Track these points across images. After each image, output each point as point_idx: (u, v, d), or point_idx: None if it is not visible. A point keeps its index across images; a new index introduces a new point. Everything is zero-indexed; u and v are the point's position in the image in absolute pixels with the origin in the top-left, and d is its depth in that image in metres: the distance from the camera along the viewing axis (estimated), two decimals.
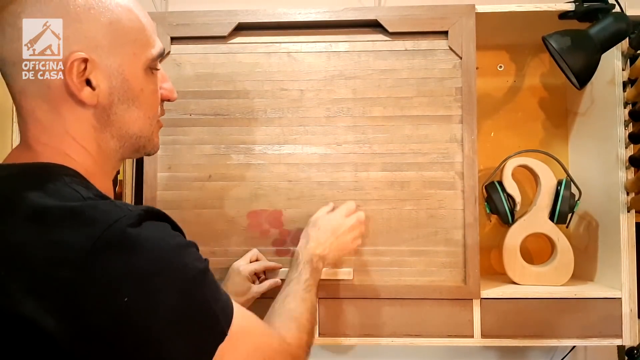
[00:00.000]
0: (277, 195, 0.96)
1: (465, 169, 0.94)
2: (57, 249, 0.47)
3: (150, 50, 0.60)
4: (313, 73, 0.97)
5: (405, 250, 0.95)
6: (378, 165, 0.96)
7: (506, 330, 0.95)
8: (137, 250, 0.48)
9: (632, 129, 0.95)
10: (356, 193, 0.96)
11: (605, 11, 0.90)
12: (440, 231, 0.95)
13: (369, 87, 0.97)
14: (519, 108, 1.18)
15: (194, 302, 0.51)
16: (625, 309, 0.94)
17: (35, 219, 0.49)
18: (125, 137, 0.61)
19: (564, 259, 1.02)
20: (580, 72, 0.88)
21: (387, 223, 0.95)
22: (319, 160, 0.96)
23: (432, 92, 0.96)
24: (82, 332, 0.45)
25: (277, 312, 0.72)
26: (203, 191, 0.97)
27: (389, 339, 0.95)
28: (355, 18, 0.96)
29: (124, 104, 0.59)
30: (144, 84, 0.60)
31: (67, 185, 0.53)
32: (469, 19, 0.95)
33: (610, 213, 0.99)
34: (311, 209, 0.94)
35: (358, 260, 0.95)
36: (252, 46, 0.98)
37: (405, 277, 0.95)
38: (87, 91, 0.55)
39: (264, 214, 0.96)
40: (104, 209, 0.49)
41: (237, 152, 0.97)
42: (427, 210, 0.95)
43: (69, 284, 0.45)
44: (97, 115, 0.58)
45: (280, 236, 0.96)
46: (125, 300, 0.46)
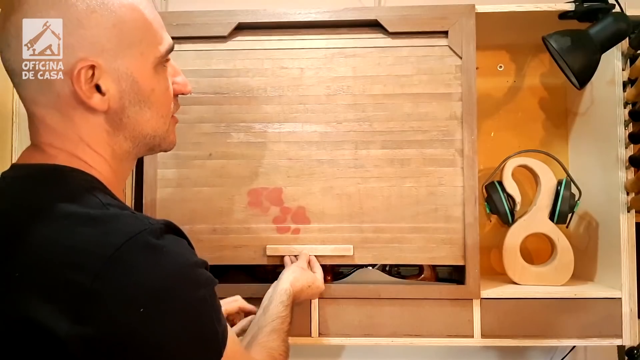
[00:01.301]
0: (277, 173, 0.96)
1: (465, 169, 0.94)
2: (76, 255, 0.46)
3: (158, 47, 0.59)
4: (313, 51, 0.97)
5: (405, 227, 0.95)
6: (378, 143, 0.96)
7: (506, 330, 0.95)
8: (156, 262, 0.48)
9: (632, 129, 0.95)
10: (356, 171, 0.96)
11: (605, 11, 0.90)
12: (440, 208, 0.95)
13: (369, 65, 0.97)
14: (519, 108, 1.18)
15: (202, 320, 0.52)
16: (625, 309, 0.94)
17: (55, 223, 0.49)
18: (139, 138, 0.60)
19: (564, 259, 1.02)
20: (580, 72, 0.88)
21: (387, 200, 0.95)
22: (319, 138, 0.97)
23: (432, 69, 0.96)
24: (94, 338, 0.45)
25: (261, 345, 0.72)
26: (203, 169, 0.97)
27: (389, 339, 0.95)
28: (355, 18, 0.96)
29: (136, 106, 0.58)
30: (154, 83, 0.59)
31: (85, 190, 0.53)
32: (469, 19, 0.95)
33: (610, 213, 0.99)
34: (311, 187, 0.95)
35: (358, 237, 0.95)
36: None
37: (405, 253, 0.95)
38: (97, 97, 0.54)
39: (264, 191, 0.96)
40: (126, 221, 0.50)
41: (237, 130, 0.97)
42: (427, 187, 0.95)
43: (85, 290, 0.45)
44: (109, 120, 0.57)
45: (280, 214, 0.96)
46: (141, 311, 0.46)
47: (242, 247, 0.96)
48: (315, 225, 0.96)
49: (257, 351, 0.70)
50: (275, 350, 0.72)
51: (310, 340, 0.96)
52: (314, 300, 0.95)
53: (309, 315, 0.96)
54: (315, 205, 0.96)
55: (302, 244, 0.95)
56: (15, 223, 0.50)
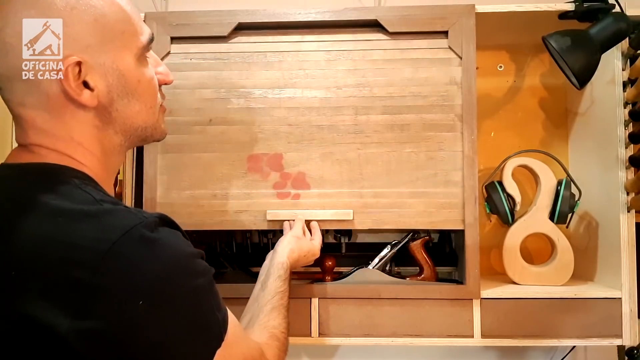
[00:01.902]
0: (278, 138, 0.97)
1: (465, 169, 0.94)
2: (73, 251, 0.47)
3: (139, 38, 0.59)
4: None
5: (405, 192, 0.95)
6: (378, 109, 0.96)
7: (506, 330, 0.95)
8: (153, 255, 0.49)
9: (632, 129, 0.95)
10: (356, 136, 0.96)
11: (605, 11, 0.90)
12: (440, 173, 0.95)
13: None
14: (519, 108, 1.18)
15: (202, 309, 0.52)
16: (625, 309, 0.94)
17: (49, 221, 0.49)
18: (130, 131, 0.61)
19: (564, 259, 1.02)
20: (580, 72, 0.88)
21: (387, 166, 0.96)
22: (319, 104, 0.97)
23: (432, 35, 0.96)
24: (94, 333, 0.46)
25: (263, 325, 0.72)
26: (204, 135, 0.97)
27: (389, 339, 0.95)
28: (355, 18, 0.96)
29: (124, 99, 0.58)
30: (139, 74, 0.59)
31: (77, 187, 0.53)
32: (469, 19, 0.95)
33: (610, 213, 0.99)
34: (311, 153, 0.96)
35: (358, 202, 0.95)
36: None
37: (404, 218, 0.95)
38: (86, 94, 0.55)
39: (265, 157, 0.97)
40: (120, 215, 0.50)
41: (237, 96, 0.97)
42: (427, 152, 0.95)
43: (84, 285, 0.46)
44: (99, 115, 0.57)
45: (280, 179, 0.96)
46: (141, 304, 0.47)
47: (242, 212, 0.96)
48: (315, 191, 0.96)
49: (259, 332, 0.71)
50: (276, 328, 0.73)
51: (310, 340, 0.96)
52: (314, 300, 0.95)
53: (309, 315, 0.96)
54: (315, 171, 0.96)
55: (302, 209, 0.95)
56: (9, 222, 0.50)
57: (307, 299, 0.96)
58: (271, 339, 0.70)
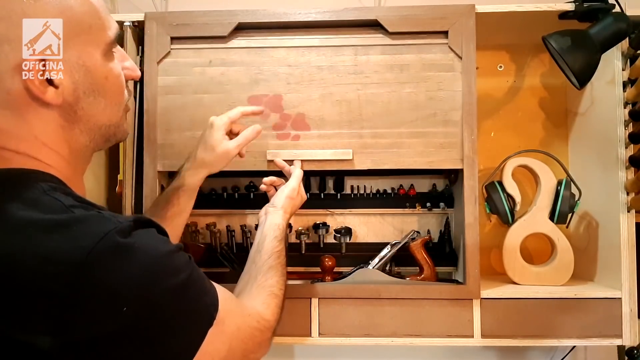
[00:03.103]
0: (277, 80, 0.97)
1: (465, 169, 0.94)
2: (46, 265, 0.45)
3: (106, 33, 0.57)
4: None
5: (405, 132, 0.96)
6: (377, 49, 0.96)
7: (506, 330, 0.95)
8: (131, 259, 0.48)
9: (632, 129, 0.95)
10: (356, 77, 0.96)
11: (605, 11, 0.90)
12: (439, 113, 0.95)
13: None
14: (519, 108, 1.18)
15: (187, 300, 0.52)
16: (625, 309, 0.94)
17: (18, 234, 0.47)
18: (95, 130, 0.59)
19: (564, 259, 1.02)
20: (580, 72, 0.88)
21: (387, 106, 0.96)
22: (319, 44, 0.97)
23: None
24: (81, 345, 0.45)
25: (260, 285, 0.74)
26: (204, 76, 0.97)
27: (389, 339, 0.95)
28: (355, 18, 0.96)
29: (90, 97, 0.56)
30: (106, 70, 0.57)
31: (45, 193, 0.51)
32: (469, 19, 0.95)
33: (610, 213, 0.99)
34: (311, 94, 0.96)
35: (357, 143, 0.96)
36: None
37: (403, 158, 0.95)
38: (51, 91, 0.53)
39: (264, 98, 0.97)
40: (93, 222, 0.48)
41: (238, 37, 0.97)
42: (426, 92, 0.95)
43: (63, 298, 0.44)
44: (63, 113, 0.55)
45: (280, 120, 0.97)
46: (125, 310, 0.46)
47: None
48: (315, 132, 0.96)
49: (257, 292, 0.72)
50: (274, 286, 0.74)
51: (310, 340, 0.96)
52: (314, 300, 0.96)
53: (309, 315, 0.96)
54: (314, 112, 0.96)
55: (302, 149, 0.96)
56: None
57: (307, 299, 0.96)
58: (269, 297, 0.72)
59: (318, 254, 1.05)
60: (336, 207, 1.12)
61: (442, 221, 1.11)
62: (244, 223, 1.11)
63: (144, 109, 0.97)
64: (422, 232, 1.10)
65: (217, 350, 0.56)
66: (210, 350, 0.54)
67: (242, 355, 0.61)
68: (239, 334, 0.60)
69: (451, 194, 1.09)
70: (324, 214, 1.13)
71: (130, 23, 0.97)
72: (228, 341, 0.57)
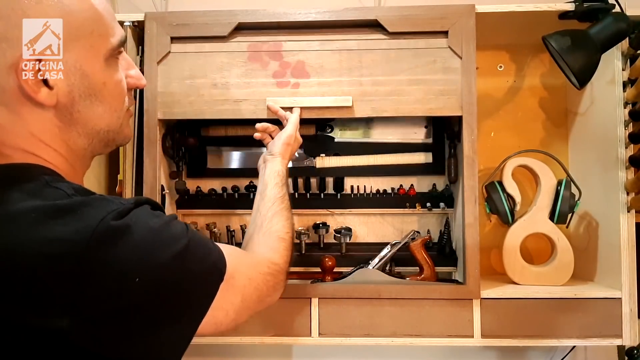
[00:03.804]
0: (277, 27, 0.97)
1: (465, 169, 0.94)
2: (54, 246, 0.46)
3: (109, 39, 0.57)
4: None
5: (404, 80, 0.96)
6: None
7: (506, 330, 0.95)
8: (131, 234, 0.49)
9: (632, 129, 0.95)
10: (356, 27, 0.96)
11: (605, 11, 0.90)
12: (439, 60, 0.95)
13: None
14: (519, 108, 1.18)
15: (193, 262, 0.54)
16: (625, 309, 0.94)
17: (22, 221, 0.47)
18: (93, 134, 0.59)
19: (564, 259, 1.02)
20: (580, 72, 0.88)
21: (386, 53, 0.96)
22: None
23: None
24: (99, 320, 0.46)
25: (267, 232, 0.76)
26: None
27: (389, 339, 0.95)
28: (355, 18, 0.96)
29: (86, 100, 0.56)
30: (106, 76, 0.58)
31: (47, 184, 0.52)
32: (469, 19, 0.95)
33: (610, 213, 0.99)
34: (311, 43, 0.97)
35: (357, 90, 0.96)
36: None
37: (403, 105, 0.95)
38: (44, 92, 0.53)
39: (264, 46, 0.97)
40: (95, 204, 0.50)
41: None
42: (426, 40, 0.96)
43: (74, 277, 0.45)
44: (59, 115, 0.55)
45: (280, 68, 0.97)
46: (137, 280, 0.48)
47: (242, 101, 0.97)
48: (315, 80, 0.97)
49: (264, 239, 0.75)
50: (280, 231, 0.76)
51: (310, 341, 0.96)
52: (314, 300, 0.96)
53: (309, 315, 0.96)
54: (314, 60, 0.97)
55: (302, 97, 0.96)
56: None
57: (307, 299, 0.96)
58: (277, 242, 0.74)
59: (318, 254, 1.06)
60: (336, 207, 1.12)
61: (442, 221, 1.11)
62: (244, 223, 1.11)
63: (144, 109, 0.97)
64: (422, 232, 1.10)
65: (231, 302, 0.59)
66: (224, 305, 0.58)
67: (258, 300, 0.65)
68: (251, 282, 0.63)
69: (451, 194, 1.09)
70: (324, 214, 1.13)
71: (130, 23, 0.97)
72: (240, 293, 0.60)
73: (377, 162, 1.10)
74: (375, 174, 1.12)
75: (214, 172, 1.13)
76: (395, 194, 1.11)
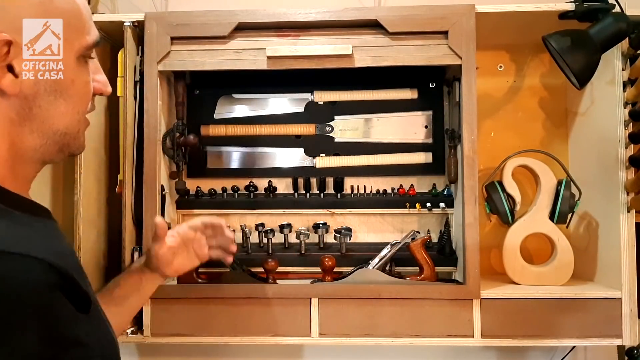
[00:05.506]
0: None
1: (466, 169, 0.94)
2: None
3: (85, 37, 0.55)
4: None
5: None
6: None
7: (506, 330, 0.95)
8: None
9: (632, 129, 0.95)
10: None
11: (605, 11, 0.90)
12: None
13: None
14: (519, 108, 1.18)
15: None
16: (625, 309, 0.94)
17: None
18: (49, 134, 0.54)
19: (564, 259, 1.02)
20: (580, 72, 0.88)
21: None
22: None
23: None
24: None
25: None
26: None
27: (389, 339, 0.95)
28: (355, 18, 0.96)
29: (51, 96, 0.53)
30: (75, 74, 0.55)
31: None
32: (469, 19, 0.95)
33: (610, 213, 0.99)
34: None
35: (357, 40, 0.96)
36: None
37: (402, 54, 0.96)
38: (8, 78, 0.49)
39: None
40: None
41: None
42: None
43: None
44: (16, 106, 0.51)
45: None
46: None
47: (243, 51, 0.97)
48: (315, 31, 0.97)
49: None
50: None
51: (310, 341, 0.96)
52: (314, 300, 0.96)
53: (309, 315, 0.96)
54: None
55: (302, 46, 0.96)
56: None
57: (307, 299, 0.96)
58: None
59: (318, 254, 1.05)
60: (336, 207, 1.12)
61: (442, 221, 1.11)
62: (244, 223, 1.11)
63: (144, 108, 0.96)
64: (422, 232, 1.10)
65: None
66: None
67: None
68: None
69: (451, 194, 1.09)
70: (324, 214, 1.13)
71: (130, 23, 0.97)
72: None
73: (377, 162, 1.10)
74: (375, 174, 1.12)
75: (214, 172, 1.13)
76: (395, 194, 1.11)
